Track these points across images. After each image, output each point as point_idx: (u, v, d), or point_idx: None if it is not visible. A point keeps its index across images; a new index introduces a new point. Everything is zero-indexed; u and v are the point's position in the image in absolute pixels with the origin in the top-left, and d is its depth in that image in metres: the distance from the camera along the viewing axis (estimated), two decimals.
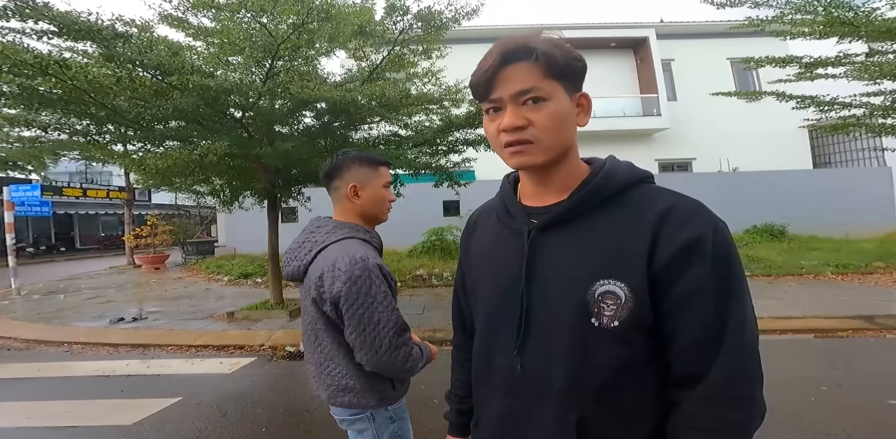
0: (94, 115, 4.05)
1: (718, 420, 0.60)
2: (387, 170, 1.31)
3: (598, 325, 0.63)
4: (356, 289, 1.10)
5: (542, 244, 0.70)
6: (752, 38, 9.52)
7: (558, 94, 0.66)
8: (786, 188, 10.47)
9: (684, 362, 0.63)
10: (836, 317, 4.40)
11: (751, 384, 0.61)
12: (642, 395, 0.65)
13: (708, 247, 0.61)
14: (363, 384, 1.19)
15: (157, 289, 7.88)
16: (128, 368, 3.73)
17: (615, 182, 0.69)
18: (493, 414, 0.76)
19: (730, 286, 0.61)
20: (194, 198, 5.86)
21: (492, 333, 0.76)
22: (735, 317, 0.61)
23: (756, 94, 7.33)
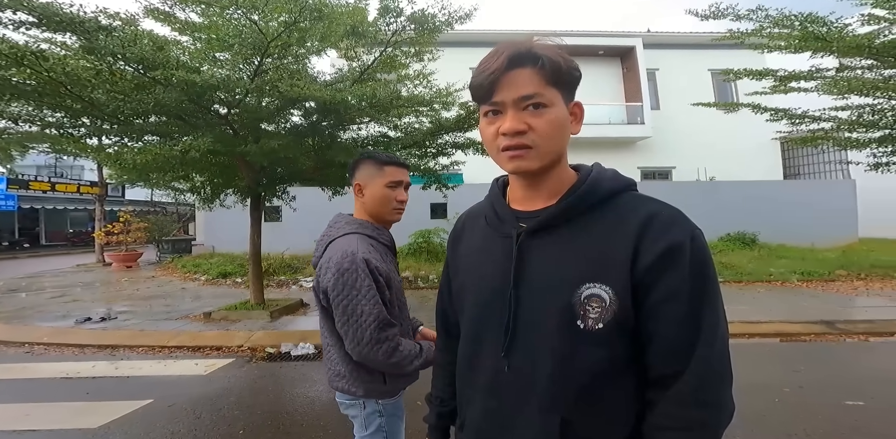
0: (70, 108, 3.91)
1: (689, 419, 0.63)
2: (395, 170, 1.30)
3: (584, 327, 0.65)
4: (342, 281, 1.16)
5: (530, 248, 0.71)
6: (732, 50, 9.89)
7: (558, 102, 0.68)
8: (757, 198, 10.89)
9: (661, 363, 0.65)
10: (800, 322, 4.61)
11: (721, 385, 0.65)
12: (623, 396, 0.68)
13: (686, 254, 0.64)
14: (351, 372, 1.25)
15: (128, 287, 7.63)
16: (94, 370, 3.61)
17: (601, 189, 0.71)
18: (478, 416, 0.77)
19: (704, 291, 0.64)
20: (172, 194, 5.71)
21: (478, 335, 0.77)
22: (708, 320, 0.64)
23: (733, 106, 7.61)
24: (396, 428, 1.31)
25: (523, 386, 0.70)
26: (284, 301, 5.61)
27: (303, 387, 3.27)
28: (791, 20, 5.34)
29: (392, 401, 1.29)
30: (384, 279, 1.20)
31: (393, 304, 1.26)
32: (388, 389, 1.27)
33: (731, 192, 10.95)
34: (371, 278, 1.17)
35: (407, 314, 1.38)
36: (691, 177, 12.87)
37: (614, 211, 0.70)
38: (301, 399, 3.07)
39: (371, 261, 1.19)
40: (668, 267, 0.63)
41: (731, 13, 5.49)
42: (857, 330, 4.35)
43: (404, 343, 1.22)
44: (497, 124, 0.69)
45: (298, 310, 5.50)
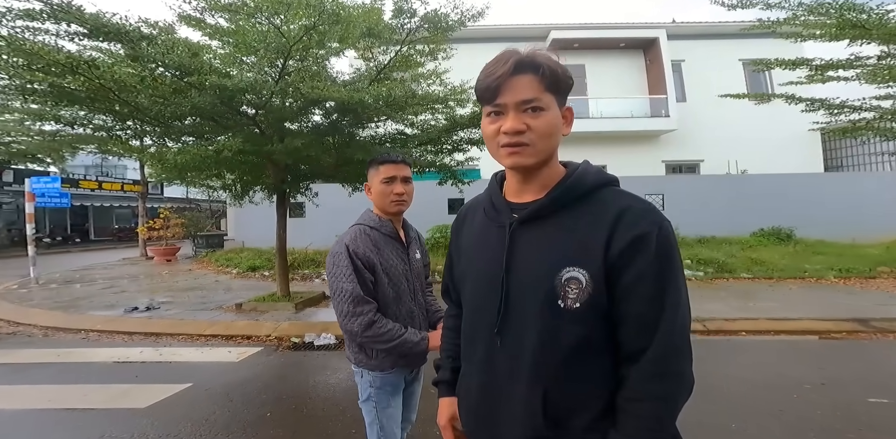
0: (117, 112, 4.22)
1: (652, 391, 0.71)
2: (388, 167, 1.46)
3: (563, 307, 0.74)
4: (330, 263, 1.42)
5: (520, 236, 0.80)
6: (765, 39, 9.43)
7: (553, 106, 0.77)
8: (794, 191, 10.37)
9: (630, 340, 0.73)
10: (832, 320, 4.44)
11: (680, 359, 0.72)
12: (599, 370, 0.75)
13: (652, 242, 0.71)
14: (346, 342, 1.51)
15: (168, 280, 8.07)
16: (141, 355, 3.89)
17: (585, 184, 0.79)
18: (475, 387, 0.88)
19: (667, 275, 0.72)
20: (206, 192, 6.04)
21: (476, 314, 0.87)
22: (671, 301, 0.71)
23: (764, 97, 7.29)
24: (385, 401, 1.46)
25: (513, 360, 0.79)
26: (308, 293, 5.81)
27: (324, 375, 3.44)
28: (826, 8, 5.07)
29: (382, 375, 1.44)
30: (364, 264, 1.39)
31: (384, 288, 1.43)
32: (375, 363, 1.44)
33: (764, 186, 10.47)
34: (351, 262, 1.37)
35: (411, 302, 1.50)
36: (720, 171, 12.37)
37: (595, 204, 0.78)
38: (322, 386, 3.25)
39: (353, 248, 1.38)
40: (636, 253, 0.71)
41: (761, 2, 5.26)
42: (894, 329, 4.16)
43: (385, 322, 1.39)
44: (498, 123, 0.77)
45: (321, 302, 5.70)
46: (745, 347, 3.90)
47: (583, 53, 13.51)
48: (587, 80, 13.57)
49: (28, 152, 15.06)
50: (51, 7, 3.30)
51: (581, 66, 13.64)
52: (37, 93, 3.80)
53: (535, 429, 0.76)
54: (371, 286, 1.39)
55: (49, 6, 3.30)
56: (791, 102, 6.69)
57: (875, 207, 10.18)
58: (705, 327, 4.37)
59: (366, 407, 1.47)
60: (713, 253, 7.95)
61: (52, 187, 8.91)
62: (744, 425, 2.43)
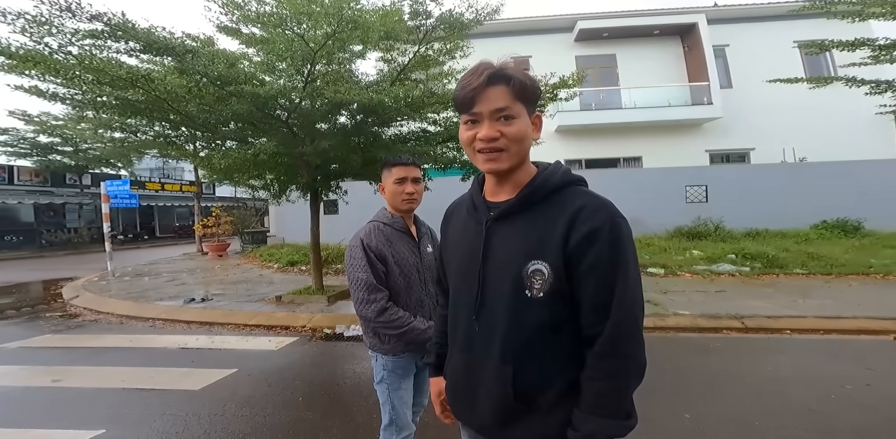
0: (172, 120, 4.64)
1: (605, 369, 0.80)
2: (398, 169, 1.59)
3: (530, 296, 0.83)
4: (348, 255, 1.58)
5: (495, 232, 0.90)
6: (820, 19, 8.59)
7: (523, 114, 0.85)
8: (863, 179, 9.45)
9: (588, 325, 0.81)
10: (891, 319, 4.06)
11: (630, 340, 0.80)
12: (562, 351, 0.84)
13: (604, 236, 0.79)
14: (362, 327, 1.65)
15: (220, 274, 8.70)
16: (197, 342, 4.27)
17: (551, 184, 0.87)
18: (457, 367, 0.99)
19: (618, 265, 0.79)
20: (250, 191, 6.47)
21: (459, 301, 0.98)
22: (620, 288, 0.79)
23: (821, 80, 6.68)
24: (396, 383, 1.59)
25: (487, 342, 0.90)
26: (340, 287, 6.06)
27: (352, 364, 3.65)
28: None
29: (394, 359, 1.58)
30: (377, 256, 1.53)
31: (395, 278, 1.56)
32: (387, 348, 1.57)
33: (826, 174, 9.62)
34: (365, 254, 1.52)
35: (421, 292, 1.63)
36: (774, 159, 11.45)
37: (558, 202, 0.86)
38: (350, 373, 3.46)
39: (367, 242, 1.53)
40: (589, 246, 0.79)
41: None
42: None
43: (396, 310, 1.52)
44: (474, 131, 0.86)
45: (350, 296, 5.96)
46: (788, 346, 3.67)
47: (613, 43, 12.95)
48: (619, 70, 13.01)
49: (102, 157, 16.80)
50: (111, 26, 3.67)
51: (612, 56, 13.08)
52: (105, 105, 4.24)
53: (506, 403, 0.86)
54: (383, 276, 1.53)
55: (109, 26, 3.67)
56: (852, 85, 6.09)
57: None
58: (744, 325, 4.15)
59: (379, 388, 1.62)
60: (762, 247, 7.43)
61: (122, 189, 9.89)
62: (766, 422, 2.34)
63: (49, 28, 3.55)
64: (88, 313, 5.79)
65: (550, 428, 0.84)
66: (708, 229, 9.23)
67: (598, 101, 12.45)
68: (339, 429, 2.48)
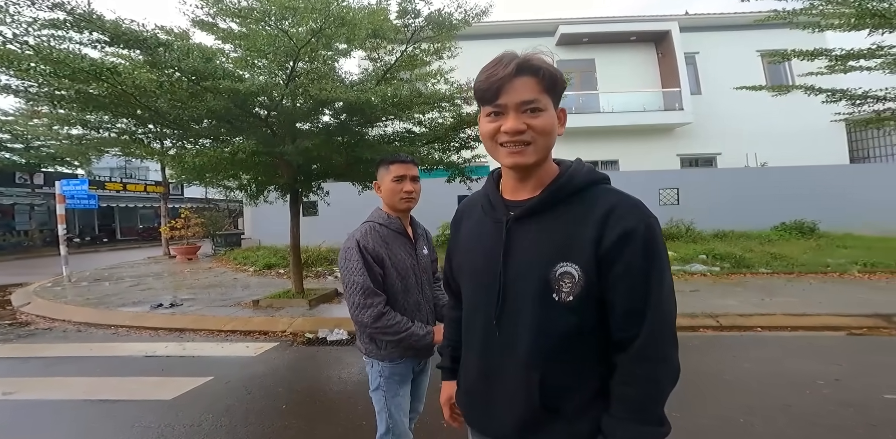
0: (138, 116, 4.38)
1: (639, 375, 0.77)
2: (397, 166, 1.54)
3: (558, 299, 0.79)
4: (342, 257, 1.51)
5: (516, 232, 0.85)
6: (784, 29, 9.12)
7: (550, 107, 0.81)
8: (818, 184, 10.08)
9: (619, 329, 0.78)
10: (852, 316, 4.32)
11: (666, 344, 0.77)
12: (590, 356, 0.81)
13: (639, 237, 0.76)
14: (357, 333, 1.60)
15: (190, 278, 8.31)
16: (166, 350, 4.05)
17: (576, 183, 0.83)
18: (473, 374, 0.94)
19: (652, 268, 0.76)
20: (224, 192, 6.21)
21: (475, 305, 0.92)
22: (655, 292, 0.76)
23: (783, 88, 7.09)
24: (393, 390, 1.53)
25: (509, 348, 0.85)
26: (321, 290, 5.92)
27: (337, 369, 3.53)
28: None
29: (391, 365, 1.52)
30: (374, 258, 1.47)
31: (392, 281, 1.50)
32: (384, 354, 1.52)
33: (785, 178, 10.21)
34: (362, 256, 1.45)
35: (418, 295, 1.58)
36: (738, 164, 12.08)
37: (586, 201, 0.82)
38: (335, 379, 3.35)
39: (363, 244, 1.46)
40: (624, 248, 0.76)
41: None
42: None
43: (394, 315, 1.46)
44: (498, 123, 0.81)
45: (334, 299, 5.80)
46: (760, 343, 3.84)
47: (592, 48, 13.31)
48: (597, 75, 13.37)
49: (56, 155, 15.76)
50: (74, 16, 3.44)
51: (591, 61, 13.44)
52: (64, 99, 3.97)
53: (531, 412, 0.82)
54: (380, 279, 1.48)
55: (72, 15, 3.44)
56: (811, 93, 6.49)
57: None
58: (718, 323, 4.32)
59: (375, 395, 1.56)
60: (730, 247, 7.79)
61: (80, 189, 9.29)
62: (751, 419, 2.42)
63: (3, 16, 3.29)
64: (41, 321, 5.40)
65: (577, 435, 0.81)
66: (680, 230, 9.60)
67: (578, 105, 12.74)
68: (327, 438, 2.39)
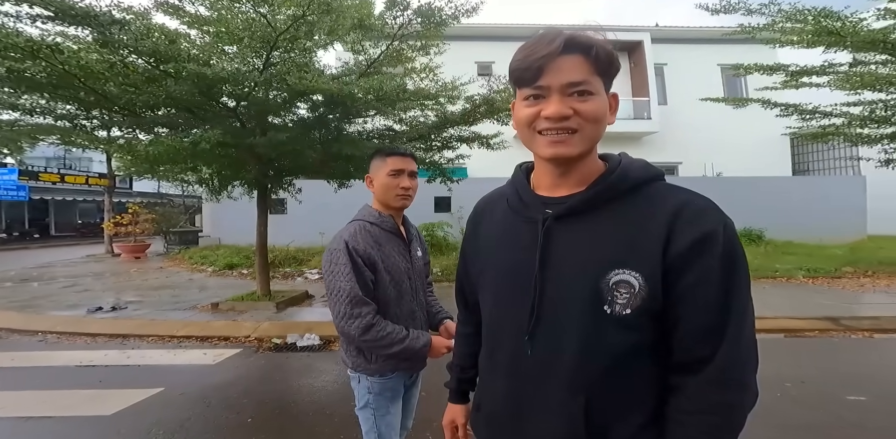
0: (83, 100, 3.97)
1: (718, 404, 0.66)
2: (396, 160, 1.40)
3: (611, 312, 0.67)
4: (327, 260, 1.34)
5: (557, 232, 0.73)
6: (743, 45, 9.76)
7: (601, 91, 0.70)
8: (765, 194, 10.80)
9: (688, 347, 0.67)
10: (805, 319, 4.60)
11: (748, 370, 0.67)
12: (644, 379, 0.70)
13: (718, 242, 0.65)
14: (342, 344, 1.43)
15: (137, 278, 7.74)
16: (106, 358, 3.68)
17: (631, 178, 0.72)
18: (497, 397, 0.80)
19: (734, 278, 0.65)
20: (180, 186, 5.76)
21: (500, 317, 0.80)
22: (737, 306, 0.65)
23: (742, 101, 7.53)
24: (384, 408, 1.38)
25: (545, 368, 0.72)
26: (290, 292, 5.66)
27: (309, 377, 3.32)
28: (804, 15, 5.25)
29: (381, 380, 1.37)
30: (366, 261, 1.31)
31: (385, 287, 1.35)
32: (374, 368, 1.36)
33: (736, 188, 10.87)
34: (350, 260, 1.29)
35: (413, 302, 1.44)
36: (698, 173, 12.78)
37: (645, 199, 0.71)
38: (307, 388, 3.13)
39: (353, 245, 1.31)
40: (701, 253, 0.65)
41: (743, 7, 5.38)
42: (862, 327, 4.34)
43: (385, 325, 1.30)
44: (538, 107, 0.69)
45: (304, 302, 5.56)
46: None
47: None
48: None
49: None
50: None
51: None
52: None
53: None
54: (371, 285, 1.31)
55: None
56: (767, 107, 6.92)
57: (839, 209, 10.74)
58: None
59: (363, 414, 1.39)
60: None
61: (8, 179, 8.42)
62: None
63: None
64: None
65: None
66: None
67: None
68: None
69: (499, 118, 5.01)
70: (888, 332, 4.24)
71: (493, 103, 4.74)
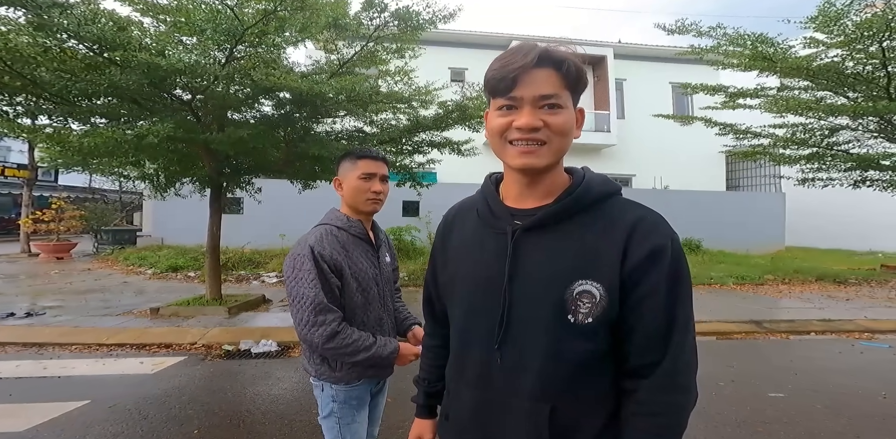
0: (7, 85, 3.57)
1: (666, 404, 0.71)
2: (367, 163, 1.36)
3: (574, 322, 0.70)
4: (289, 265, 1.29)
5: (525, 244, 0.75)
6: (693, 65, 10.58)
7: (570, 105, 0.73)
8: (703, 207, 11.74)
9: (639, 354, 0.72)
10: (734, 322, 5.05)
11: (690, 373, 0.73)
12: (602, 384, 0.74)
13: (667, 255, 0.70)
14: (304, 352, 1.38)
15: (58, 281, 7.02)
16: (18, 370, 3.32)
17: (593, 193, 0.76)
18: (467, 407, 0.81)
19: (679, 289, 0.71)
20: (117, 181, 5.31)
21: (470, 327, 0.81)
22: (682, 315, 0.71)
23: (688, 118, 8.14)
24: (349, 417, 1.34)
25: (513, 377, 0.75)
26: (244, 296, 5.39)
27: (265, 385, 3.16)
28: (744, 39, 5.70)
29: (346, 389, 1.33)
30: (332, 267, 1.27)
31: (352, 294, 1.32)
32: (339, 376, 1.32)
33: (680, 201, 11.72)
34: (316, 266, 1.25)
35: (380, 309, 1.41)
36: (648, 185, 13.62)
37: (604, 213, 0.75)
38: (263, 396, 2.98)
39: (319, 250, 1.27)
40: (652, 266, 0.70)
41: (695, 29, 5.77)
42: (780, 329, 4.83)
43: (350, 333, 1.26)
44: (510, 118, 0.72)
45: (260, 307, 5.31)
46: None
47: None
48: None
49: None
50: None
51: None
52: None
53: None
54: (337, 292, 1.28)
55: None
56: (709, 125, 7.52)
57: (763, 223, 11.92)
58: None
59: (327, 423, 1.35)
60: None
61: None
62: None
63: None
64: None
65: None
66: None
67: None
68: None
69: (470, 125, 5.07)
70: (801, 334, 4.75)
71: (466, 110, 4.79)
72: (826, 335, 4.73)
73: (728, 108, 7.37)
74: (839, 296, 6.72)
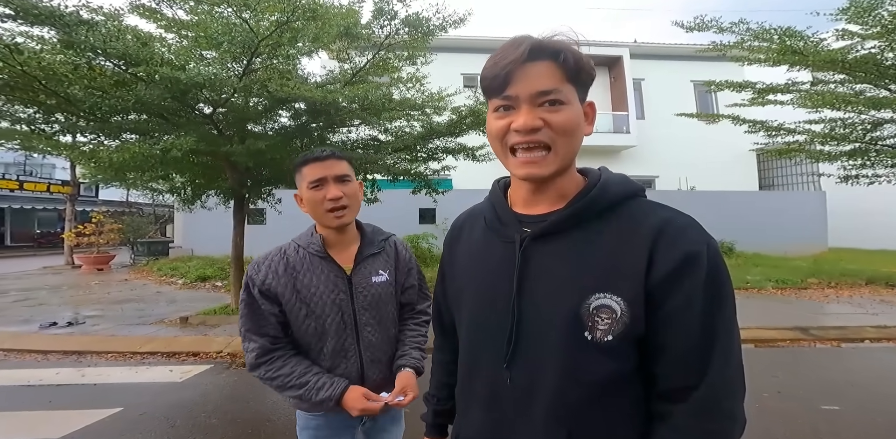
0: (43, 103, 3.79)
1: (704, 432, 0.62)
2: (314, 167, 1.14)
3: (591, 339, 0.63)
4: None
5: (534, 253, 0.68)
6: (715, 62, 10.24)
7: (574, 100, 0.65)
8: (734, 208, 11.22)
9: (673, 375, 0.63)
10: (776, 329, 4.72)
11: (736, 397, 0.63)
12: (627, 407, 0.65)
13: (703, 263, 0.61)
14: None
15: (98, 291, 7.32)
16: (58, 377, 3.43)
17: (611, 195, 0.68)
18: (475, 428, 0.75)
19: (720, 300, 0.62)
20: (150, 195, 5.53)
21: (477, 344, 0.75)
22: (724, 330, 0.62)
23: (713, 117, 7.83)
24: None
25: (526, 398, 0.68)
26: None
27: None
28: (770, 34, 5.47)
29: (312, 416, 1.19)
30: (263, 292, 1.13)
31: (299, 322, 1.14)
32: (301, 405, 1.19)
33: (708, 202, 11.24)
34: (246, 290, 1.15)
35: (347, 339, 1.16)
36: (673, 187, 13.18)
37: (624, 217, 0.67)
38: (284, 406, 2.95)
39: (252, 274, 1.16)
40: (685, 275, 0.61)
41: (715, 26, 5.60)
42: (830, 337, 4.48)
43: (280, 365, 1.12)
44: (508, 119, 0.65)
45: None
46: None
47: None
48: None
49: None
50: None
51: None
52: None
53: None
54: (272, 318, 1.13)
55: None
56: (736, 123, 7.21)
57: (802, 223, 11.26)
58: None
59: None
60: None
61: None
62: None
63: None
64: None
65: None
66: None
67: None
68: None
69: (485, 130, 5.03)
70: (854, 341, 4.39)
71: (480, 115, 4.75)
72: (882, 343, 4.35)
73: (757, 104, 7.04)
74: (894, 300, 6.23)
